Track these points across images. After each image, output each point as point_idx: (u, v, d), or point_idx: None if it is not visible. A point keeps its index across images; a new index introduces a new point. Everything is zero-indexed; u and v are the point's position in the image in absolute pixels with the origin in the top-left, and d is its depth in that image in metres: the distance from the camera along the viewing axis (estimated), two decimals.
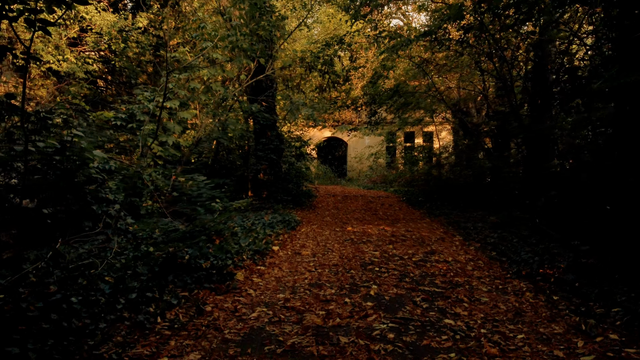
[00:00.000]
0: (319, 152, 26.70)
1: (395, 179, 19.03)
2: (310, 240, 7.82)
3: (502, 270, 5.60)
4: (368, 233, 8.70)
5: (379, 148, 22.74)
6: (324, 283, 5.03)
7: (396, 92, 12.21)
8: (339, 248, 7.19)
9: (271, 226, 8.26)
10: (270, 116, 11.33)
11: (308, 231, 8.84)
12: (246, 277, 5.13)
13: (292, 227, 8.80)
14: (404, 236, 8.32)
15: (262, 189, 12.52)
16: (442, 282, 5.10)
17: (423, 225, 9.88)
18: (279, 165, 12.71)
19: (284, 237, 7.86)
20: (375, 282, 5.08)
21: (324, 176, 23.57)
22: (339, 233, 8.72)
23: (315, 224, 9.92)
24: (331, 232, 8.90)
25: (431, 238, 8.13)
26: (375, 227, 9.48)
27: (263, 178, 12.50)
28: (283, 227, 8.54)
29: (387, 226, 9.70)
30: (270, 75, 11.75)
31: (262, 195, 12.48)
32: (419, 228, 9.51)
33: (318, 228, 9.35)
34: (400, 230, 9.04)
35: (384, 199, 15.22)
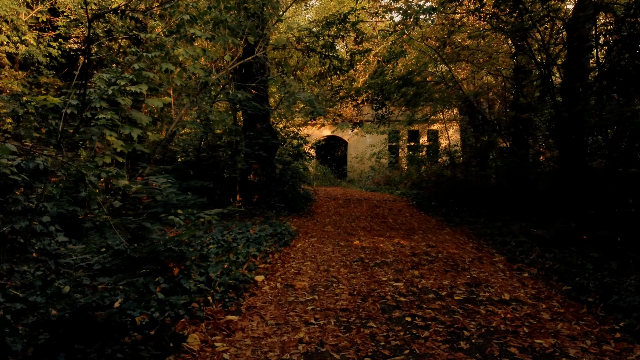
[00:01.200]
0: (317, 152, 24.72)
1: (401, 180, 17.06)
2: (308, 262, 5.82)
3: (602, 323, 3.61)
4: (381, 250, 6.71)
5: (382, 147, 20.76)
6: (328, 352, 3.04)
7: (407, 81, 10.25)
8: (346, 275, 5.20)
9: (258, 242, 6.26)
10: (261, 106, 9.33)
11: (305, 247, 6.85)
12: (204, 342, 3.12)
13: (286, 242, 6.80)
14: (429, 255, 6.34)
15: (253, 192, 10.52)
16: (520, 348, 3.11)
17: (446, 238, 7.89)
18: (272, 165, 10.71)
19: (273, 257, 5.85)
20: (411, 348, 3.09)
21: (323, 177, 21.58)
22: (345, 249, 6.73)
23: (315, 236, 7.93)
24: (334, 247, 6.91)
25: (464, 258, 6.14)
26: (388, 241, 7.49)
27: (254, 179, 10.50)
28: (274, 242, 6.54)
29: (403, 239, 7.71)
30: (260, 59, 9.75)
31: (252, 199, 10.48)
32: (442, 241, 7.53)
33: (318, 242, 7.35)
34: (421, 245, 7.06)
35: (391, 202, 13.23)
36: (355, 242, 7.37)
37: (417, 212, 11.43)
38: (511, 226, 7.91)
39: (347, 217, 10.74)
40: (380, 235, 8.18)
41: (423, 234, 8.36)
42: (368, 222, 9.92)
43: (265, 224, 7.70)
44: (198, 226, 5.11)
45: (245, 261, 5.15)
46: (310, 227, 9.01)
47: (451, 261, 5.94)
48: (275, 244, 6.41)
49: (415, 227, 9.17)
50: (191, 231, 4.67)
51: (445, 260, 6.01)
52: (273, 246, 6.31)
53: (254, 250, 5.78)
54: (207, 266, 4.60)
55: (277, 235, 6.95)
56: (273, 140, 10.60)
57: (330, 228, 9.02)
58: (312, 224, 9.56)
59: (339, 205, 12.80)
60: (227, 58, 8.19)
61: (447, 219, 9.97)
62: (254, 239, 6.32)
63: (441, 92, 11.84)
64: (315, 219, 10.22)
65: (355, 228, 9.04)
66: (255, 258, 5.55)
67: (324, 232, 8.43)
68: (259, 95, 9.79)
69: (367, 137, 21.61)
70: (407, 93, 11.07)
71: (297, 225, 9.20)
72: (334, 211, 11.65)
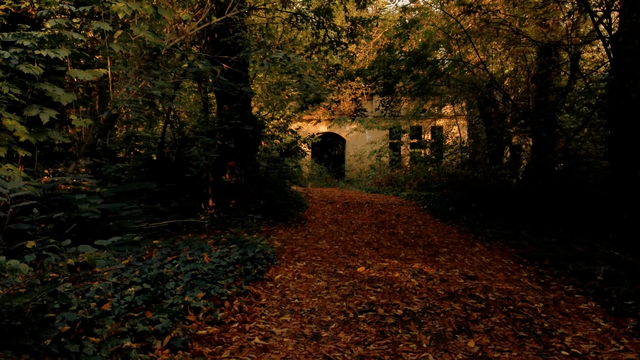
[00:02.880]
0: (313, 150, 22.40)
1: (406, 180, 14.75)
2: (287, 316, 3.50)
3: None
4: (399, 284, 4.40)
5: (383, 144, 18.46)
6: None
7: (421, 58, 7.96)
8: (349, 347, 2.89)
9: (212, 278, 3.94)
10: (235, 85, 6.99)
11: (287, 281, 4.52)
12: None
13: (257, 274, 4.45)
14: (474, 296, 4.03)
15: (229, 195, 8.19)
16: None
17: (483, 261, 5.58)
18: (252, 162, 8.37)
19: (230, 309, 3.51)
20: None
21: (319, 177, 19.27)
22: (345, 284, 4.41)
23: (303, 259, 5.61)
24: (330, 280, 4.60)
25: (529, 301, 3.83)
26: (405, 266, 5.19)
27: (230, 180, 8.17)
28: (239, 276, 4.20)
29: (425, 262, 5.41)
30: (236, 27, 7.40)
31: (228, 204, 8.16)
32: (480, 267, 5.22)
33: (307, 270, 5.03)
34: (455, 276, 4.75)
35: (397, 207, 10.92)
36: (360, 270, 5.05)
37: (432, 220, 9.11)
38: (572, 244, 5.61)
39: (346, 226, 8.42)
40: (392, 255, 5.86)
41: (449, 253, 6.04)
42: (373, 233, 7.60)
43: (234, 243, 5.35)
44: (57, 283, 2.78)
45: (171, 327, 2.81)
46: (299, 243, 6.69)
47: (515, 310, 3.63)
48: (239, 280, 4.08)
49: (435, 241, 6.85)
50: (36, 293, 2.32)
51: (504, 307, 3.70)
52: (235, 283, 3.98)
53: (199, 297, 3.46)
54: (81, 355, 2.28)
55: (246, 261, 4.61)
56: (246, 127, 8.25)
57: (325, 244, 6.69)
58: (301, 237, 7.24)
59: (336, 210, 10.48)
60: (185, 17, 5.85)
61: (473, 230, 7.66)
62: (206, 272, 3.99)
63: (459, 76, 9.55)
64: (306, 230, 7.90)
65: (357, 243, 6.72)
66: (198, 313, 3.22)
67: (316, 251, 6.11)
68: (234, 73, 7.45)
69: (366, 134, 19.30)
70: (419, 76, 8.76)
71: (283, 239, 6.88)
72: (330, 218, 9.34)
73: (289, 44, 7.85)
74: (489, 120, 14.48)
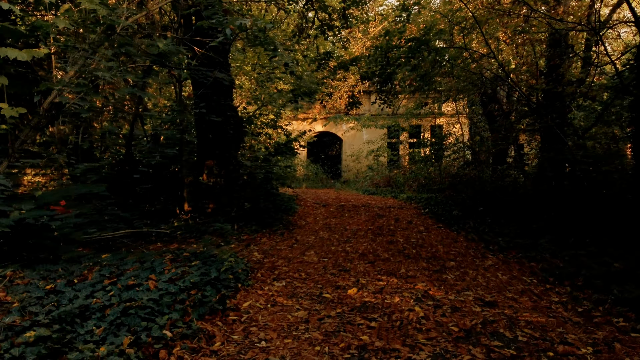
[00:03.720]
0: (309, 150, 21.41)
1: (405, 181, 13.74)
2: None
3: None
4: (398, 314, 3.39)
5: (381, 143, 17.47)
6: None
7: (423, 43, 6.96)
8: None
9: (150, 315, 2.92)
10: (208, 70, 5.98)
11: (257, 310, 3.51)
12: None
13: (220, 301, 3.43)
14: (496, 332, 3.04)
15: (207, 199, 7.19)
16: None
17: (499, 278, 4.57)
18: (234, 162, 7.36)
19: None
20: None
21: (314, 178, 18.27)
22: (331, 317, 3.41)
23: (284, 276, 4.60)
24: (312, 309, 3.59)
25: (582, 349, 2.84)
26: (406, 287, 4.19)
27: (208, 182, 7.17)
28: (193, 306, 3.19)
29: (431, 282, 4.41)
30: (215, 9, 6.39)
31: (206, 209, 7.15)
32: (498, 288, 4.22)
33: (285, 293, 4.02)
34: (469, 302, 3.75)
35: (396, 210, 9.92)
36: (351, 292, 4.05)
37: (434, 225, 8.11)
38: (606, 259, 4.61)
39: (339, 232, 7.42)
40: (391, 271, 4.85)
41: (459, 268, 5.04)
42: (369, 242, 6.60)
43: (199, 258, 4.33)
44: None
45: None
46: (283, 254, 5.68)
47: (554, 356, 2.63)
48: (189, 314, 3.06)
49: (440, 252, 5.85)
50: None
51: (541, 353, 2.70)
52: (184, 319, 2.97)
53: (125, 344, 2.45)
54: None
55: (206, 285, 3.60)
56: (236, 126, 7.26)
57: (313, 255, 5.68)
58: (287, 246, 6.23)
59: (329, 214, 9.48)
60: None
61: (483, 239, 6.66)
62: (145, 303, 2.98)
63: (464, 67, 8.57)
64: (294, 238, 6.90)
65: (350, 255, 5.71)
66: None
67: (301, 266, 5.10)
68: (210, 59, 6.44)
69: (363, 132, 18.30)
70: (421, 65, 7.75)
71: (264, 250, 5.88)
72: (322, 224, 8.33)
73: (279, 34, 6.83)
74: (492, 118, 13.50)
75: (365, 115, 17.84)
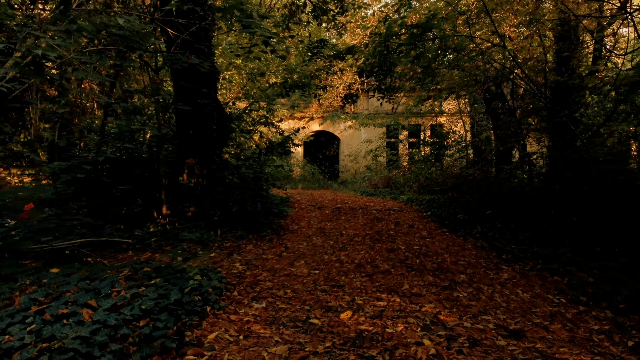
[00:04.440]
0: (306, 150, 20.66)
1: (405, 182, 12.98)
2: None
3: None
4: (405, 351, 2.64)
5: (380, 143, 16.72)
6: None
7: (427, 29, 6.22)
8: None
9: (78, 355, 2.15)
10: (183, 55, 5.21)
11: (225, 344, 2.75)
12: None
13: (178, 333, 2.67)
14: None
15: (188, 201, 6.42)
16: None
17: (522, 297, 3.82)
18: (217, 160, 6.59)
19: None
20: None
21: (311, 178, 17.51)
22: (317, 355, 2.65)
23: (266, 294, 3.84)
24: (295, 341, 2.84)
25: None
26: (412, 312, 3.43)
27: (189, 182, 6.40)
28: (137, 344, 2.42)
29: (439, 302, 3.66)
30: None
31: (186, 213, 6.39)
32: (523, 309, 3.47)
33: (264, 318, 3.26)
34: (491, 332, 3.00)
35: (397, 213, 9.16)
36: (345, 316, 3.29)
37: (438, 230, 7.36)
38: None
39: (334, 238, 6.66)
40: (392, 287, 4.10)
41: (471, 283, 4.28)
42: (367, 250, 5.84)
43: (161, 274, 3.56)
44: None
45: None
46: (269, 265, 4.92)
47: None
48: (130, 355, 2.30)
49: (448, 262, 5.09)
50: None
51: None
52: None
53: None
54: None
55: (163, 311, 2.84)
56: (220, 121, 6.50)
57: (303, 266, 4.93)
58: (274, 255, 5.47)
59: (324, 217, 8.72)
60: None
61: (493, 246, 5.91)
62: (69, 344, 2.21)
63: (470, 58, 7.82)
64: (283, 245, 6.14)
65: (345, 266, 4.96)
66: None
67: (288, 280, 4.34)
68: (188, 44, 5.68)
69: (362, 131, 17.55)
70: (424, 55, 6.99)
71: (248, 260, 5.12)
72: (316, 228, 7.58)
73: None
74: (496, 116, 12.80)
75: (363, 114, 17.10)
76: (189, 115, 6.19)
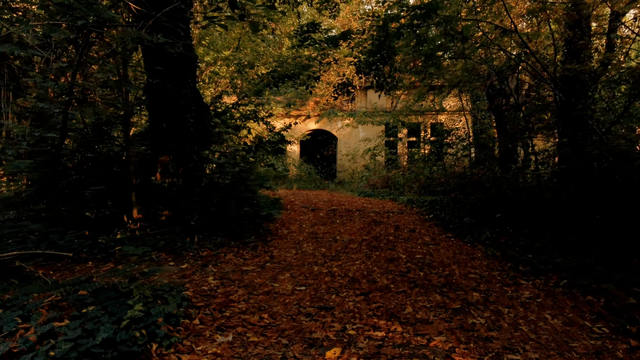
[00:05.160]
0: (303, 149, 19.90)
1: (405, 182, 12.20)
2: None
3: None
4: None
5: (378, 141, 15.96)
6: None
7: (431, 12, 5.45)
8: None
9: None
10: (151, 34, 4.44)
11: None
12: None
13: None
14: None
15: (162, 204, 5.64)
16: None
17: (553, 324, 3.05)
18: (195, 158, 5.81)
19: None
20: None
21: (307, 178, 16.74)
22: None
23: (235, 321, 3.07)
24: None
25: None
26: (419, 347, 2.65)
27: (162, 182, 5.62)
28: None
29: (452, 332, 2.88)
30: None
31: (160, 216, 5.61)
32: (558, 343, 2.70)
33: (226, 358, 2.49)
34: None
35: (396, 216, 8.39)
36: (331, 355, 2.52)
37: (442, 235, 6.59)
38: None
39: (327, 245, 5.89)
40: (392, 310, 3.32)
41: (487, 303, 3.51)
42: (363, 259, 5.07)
43: (99, 298, 2.78)
44: None
45: None
46: (247, 279, 4.15)
47: None
48: None
49: (457, 275, 4.32)
50: None
51: None
52: None
53: None
54: None
55: (83, 357, 2.06)
56: (199, 114, 5.73)
57: (287, 281, 4.15)
58: (257, 266, 4.70)
59: (318, 220, 7.95)
60: None
61: (506, 255, 5.14)
62: None
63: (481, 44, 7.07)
64: (269, 253, 5.37)
65: (337, 280, 4.18)
66: None
67: (267, 299, 3.57)
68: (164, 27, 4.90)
69: (360, 130, 16.78)
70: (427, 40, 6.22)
71: (225, 272, 4.36)
72: (308, 232, 6.81)
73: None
74: (500, 113, 12.08)
75: (361, 111, 16.34)
76: (162, 106, 5.41)
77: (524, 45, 6.49)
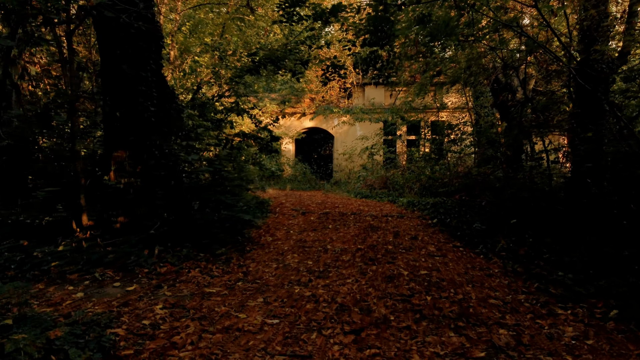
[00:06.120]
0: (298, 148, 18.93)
1: (405, 182, 11.24)
2: None
3: None
4: None
5: (376, 140, 15.01)
6: None
7: None
8: None
9: None
10: None
11: None
12: None
13: None
14: None
15: (116, 208, 4.67)
16: None
17: None
18: (158, 154, 4.83)
19: None
20: None
21: (302, 178, 15.78)
22: None
23: None
24: None
25: None
26: None
27: (117, 183, 4.65)
28: None
29: None
30: None
31: (114, 223, 4.64)
32: None
33: None
34: None
35: (395, 220, 7.43)
36: None
37: (450, 244, 5.62)
38: None
39: (315, 257, 4.93)
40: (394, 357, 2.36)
41: (522, 350, 2.54)
42: (356, 277, 4.11)
43: None
44: None
45: None
46: (206, 308, 3.18)
47: None
48: None
49: (473, 302, 3.36)
50: None
51: None
52: None
53: None
54: None
55: None
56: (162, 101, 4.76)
57: (258, 310, 3.18)
58: (224, 287, 3.74)
59: (308, 225, 6.98)
60: None
61: (530, 271, 4.17)
62: None
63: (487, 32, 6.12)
64: (244, 267, 4.41)
65: (321, 309, 3.22)
66: None
67: (222, 341, 2.60)
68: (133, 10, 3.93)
69: (357, 127, 15.83)
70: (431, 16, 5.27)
71: (182, 295, 3.40)
72: (295, 240, 5.84)
73: None
74: (505, 109, 11.16)
75: (358, 107, 15.39)
76: (117, 91, 4.45)
77: (545, 25, 5.53)
